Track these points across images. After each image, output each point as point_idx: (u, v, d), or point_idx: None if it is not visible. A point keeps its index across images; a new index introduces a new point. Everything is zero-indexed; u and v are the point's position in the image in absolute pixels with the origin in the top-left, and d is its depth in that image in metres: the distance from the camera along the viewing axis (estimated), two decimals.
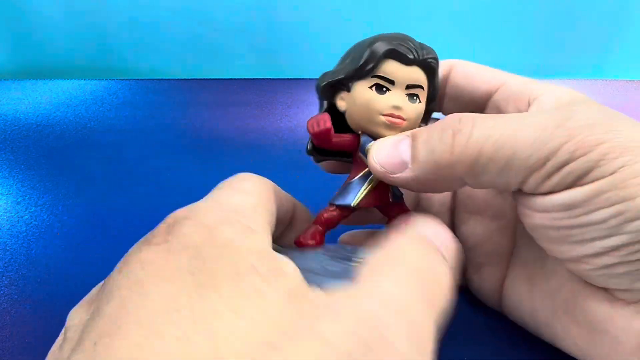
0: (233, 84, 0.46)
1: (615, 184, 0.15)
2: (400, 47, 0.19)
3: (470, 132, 0.17)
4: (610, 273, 0.17)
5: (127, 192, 0.37)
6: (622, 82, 0.47)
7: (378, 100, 0.20)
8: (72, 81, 0.46)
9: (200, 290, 0.13)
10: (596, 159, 0.15)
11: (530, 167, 0.16)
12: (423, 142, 0.18)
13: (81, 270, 0.31)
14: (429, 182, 0.18)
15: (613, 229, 0.15)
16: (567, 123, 0.16)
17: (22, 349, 0.26)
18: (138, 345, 0.12)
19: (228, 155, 0.41)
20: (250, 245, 0.15)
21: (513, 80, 0.22)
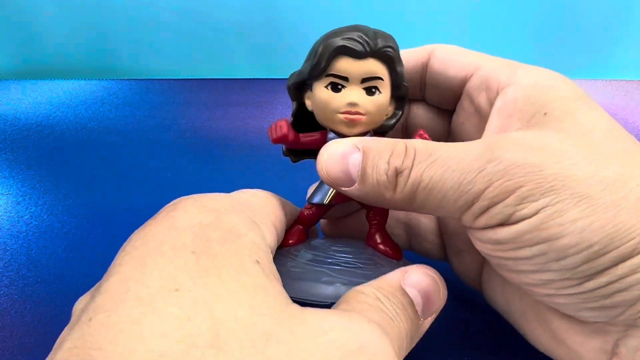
0: (233, 84, 0.46)
1: (536, 226, 0.15)
2: (348, 42, 0.19)
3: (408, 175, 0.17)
4: (553, 302, 0.17)
5: (127, 192, 0.37)
6: (622, 82, 0.47)
7: (334, 99, 0.19)
8: (72, 81, 0.46)
9: (201, 272, 0.13)
10: (515, 203, 0.15)
11: (459, 209, 0.17)
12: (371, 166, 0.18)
13: (81, 270, 0.31)
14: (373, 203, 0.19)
15: (540, 265, 0.16)
16: (488, 166, 0.16)
17: (22, 349, 0.26)
18: (135, 322, 0.12)
19: (228, 155, 0.41)
20: (255, 238, 0.16)
21: (486, 65, 0.21)
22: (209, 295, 0.13)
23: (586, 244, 0.15)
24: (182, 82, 0.47)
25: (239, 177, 0.39)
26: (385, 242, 0.22)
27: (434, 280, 0.18)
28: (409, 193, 0.17)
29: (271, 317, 0.13)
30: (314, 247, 0.21)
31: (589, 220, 0.15)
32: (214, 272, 0.13)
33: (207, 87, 0.46)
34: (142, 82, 0.47)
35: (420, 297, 0.17)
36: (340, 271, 0.19)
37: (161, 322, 0.12)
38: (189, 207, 0.16)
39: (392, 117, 0.21)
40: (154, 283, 0.13)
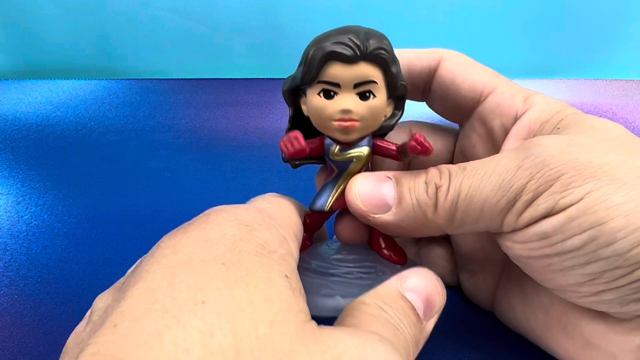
0: (233, 84, 0.46)
1: (584, 210, 0.15)
2: (338, 47, 0.18)
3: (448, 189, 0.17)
4: (599, 300, 0.17)
5: (127, 192, 0.37)
6: (622, 82, 0.47)
7: (327, 106, 0.19)
8: (72, 81, 0.46)
9: (229, 283, 0.13)
10: (560, 190, 0.16)
11: (501, 210, 0.17)
12: (408, 189, 0.18)
13: (81, 270, 0.31)
14: (408, 228, 0.19)
15: (590, 255, 0.16)
16: (526, 162, 0.16)
17: (22, 349, 0.26)
18: (158, 334, 0.12)
19: (228, 155, 0.41)
20: (285, 255, 0.16)
21: (501, 91, 0.21)
22: (234, 309, 0.13)
23: (633, 227, 0.15)
24: (182, 82, 0.47)
25: (239, 177, 0.39)
26: (388, 247, 0.22)
27: (432, 282, 0.18)
28: (449, 208, 0.17)
29: (291, 335, 0.13)
30: (317, 256, 0.21)
31: (633, 204, 0.15)
32: (241, 283, 0.13)
33: (207, 87, 0.46)
34: (142, 82, 0.47)
35: (421, 301, 0.17)
36: (341, 283, 0.19)
37: (184, 336, 0.12)
38: (221, 220, 0.15)
39: (392, 117, 0.21)
40: (182, 295, 0.13)
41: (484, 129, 0.22)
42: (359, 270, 0.20)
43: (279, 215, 0.18)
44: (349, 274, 0.20)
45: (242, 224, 0.16)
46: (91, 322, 0.14)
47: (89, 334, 0.13)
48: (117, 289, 0.16)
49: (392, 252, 0.21)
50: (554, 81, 0.46)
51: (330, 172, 0.21)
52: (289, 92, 0.20)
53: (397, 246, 0.22)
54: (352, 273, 0.20)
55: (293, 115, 0.21)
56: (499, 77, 0.22)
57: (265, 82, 0.46)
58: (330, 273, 0.20)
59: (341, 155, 0.20)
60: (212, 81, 0.47)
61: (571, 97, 0.45)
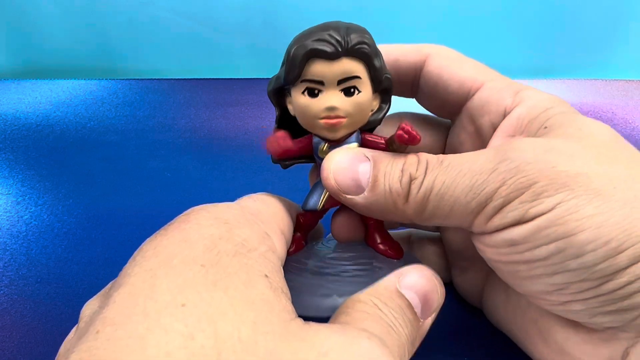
0: (233, 84, 0.46)
1: (553, 221, 0.15)
2: (318, 45, 0.18)
3: (422, 182, 0.17)
4: (567, 309, 0.16)
5: (127, 192, 0.37)
6: (622, 82, 0.47)
7: (312, 104, 0.19)
8: (72, 81, 0.46)
9: (209, 286, 0.13)
10: (530, 199, 0.15)
11: (471, 212, 0.16)
12: (383, 174, 0.18)
13: (81, 270, 0.31)
14: (378, 213, 0.19)
15: (557, 265, 0.15)
16: (501, 166, 0.16)
17: (22, 349, 0.26)
18: (140, 337, 0.12)
19: (228, 155, 0.41)
20: (266, 252, 0.15)
21: (489, 85, 0.21)
22: (214, 312, 0.13)
23: (604, 240, 0.14)
24: (182, 82, 0.47)
25: (239, 177, 0.39)
26: (384, 242, 0.21)
27: (430, 279, 0.18)
28: (420, 201, 0.17)
29: (274, 335, 0.13)
30: (314, 256, 0.21)
31: (604, 217, 0.14)
32: (221, 285, 0.13)
33: (207, 87, 0.46)
34: (142, 82, 0.47)
35: (418, 298, 0.17)
36: (337, 281, 0.19)
37: (166, 339, 0.12)
38: (201, 219, 0.15)
39: (379, 111, 0.20)
40: (162, 297, 0.13)
41: (472, 126, 0.22)
42: (355, 267, 0.20)
43: (263, 211, 0.18)
44: (345, 272, 0.20)
45: (222, 222, 0.15)
46: (78, 330, 0.14)
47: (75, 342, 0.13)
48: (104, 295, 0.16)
49: (388, 246, 0.21)
50: (554, 81, 0.46)
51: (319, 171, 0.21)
52: (273, 93, 0.20)
53: (393, 240, 0.22)
54: (348, 271, 0.20)
55: (280, 115, 0.21)
56: (488, 72, 0.21)
57: (265, 82, 0.46)
58: (327, 272, 0.20)
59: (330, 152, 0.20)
60: (212, 81, 0.47)
61: (571, 97, 0.45)
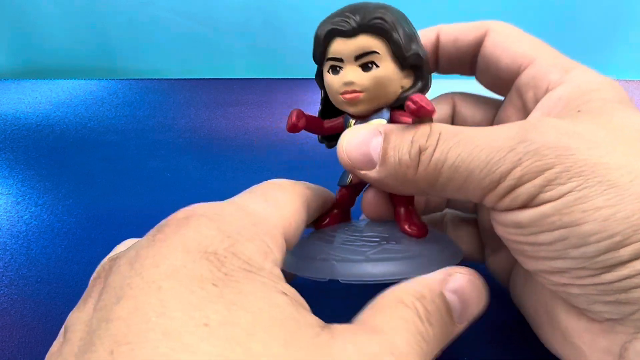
0: (233, 84, 0.46)
1: (559, 210, 0.15)
2: (335, 24, 0.19)
3: (432, 153, 0.17)
4: (567, 292, 0.17)
5: (127, 192, 0.37)
6: (622, 82, 0.46)
7: (334, 81, 0.20)
8: (72, 81, 0.46)
9: (228, 306, 0.12)
10: (542, 184, 0.15)
11: (484, 189, 0.16)
12: (393, 147, 0.18)
13: (81, 270, 0.31)
14: (392, 186, 0.19)
15: (559, 252, 0.15)
16: (519, 146, 0.16)
17: (22, 349, 0.26)
18: (165, 357, 0.11)
19: (228, 155, 0.41)
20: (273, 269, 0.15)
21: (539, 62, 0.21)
22: (241, 331, 0.12)
23: (608, 233, 0.14)
24: (182, 82, 0.47)
25: (239, 177, 0.39)
26: (406, 219, 0.21)
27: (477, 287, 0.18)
28: (432, 171, 0.17)
29: (306, 352, 0.13)
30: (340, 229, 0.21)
31: (614, 210, 0.14)
32: (242, 305, 0.13)
33: (207, 87, 0.46)
34: (142, 82, 0.47)
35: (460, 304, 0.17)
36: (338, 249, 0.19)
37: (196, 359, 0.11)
38: (202, 228, 0.14)
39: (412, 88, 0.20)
40: (178, 315, 0.12)
41: (519, 101, 0.22)
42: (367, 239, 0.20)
43: (270, 216, 0.17)
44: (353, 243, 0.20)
45: (224, 235, 0.15)
46: (69, 342, 0.13)
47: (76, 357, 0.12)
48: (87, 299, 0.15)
49: (409, 224, 0.21)
50: None
51: None
52: (317, 76, 0.21)
53: (417, 219, 0.22)
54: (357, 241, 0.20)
55: (324, 97, 0.22)
56: (542, 48, 0.21)
57: (265, 82, 0.46)
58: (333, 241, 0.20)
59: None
60: (212, 81, 0.47)
61: None
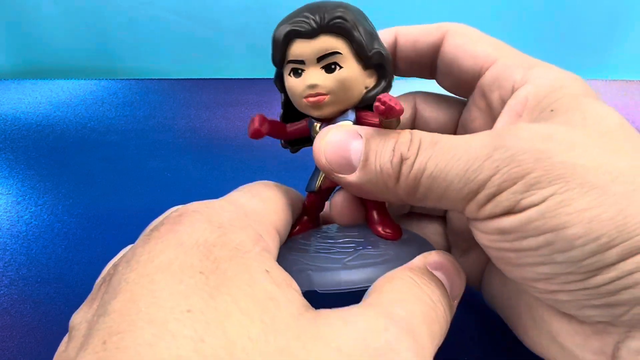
0: (233, 84, 0.46)
1: (543, 214, 0.15)
2: (295, 25, 0.18)
3: (413, 163, 0.17)
4: (555, 299, 0.16)
5: (127, 192, 0.37)
6: (622, 82, 0.47)
7: (296, 84, 0.19)
8: (72, 81, 0.46)
9: (211, 291, 0.13)
10: (523, 190, 0.15)
11: (463, 198, 0.16)
12: (375, 153, 0.17)
13: (81, 270, 0.31)
14: (370, 193, 0.18)
15: (544, 257, 0.15)
16: (496, 153, 0.15)
17: (22, 349, 0.26)
18: (149, 345, 0.12)
19: (228, 155, 0.41)
20: (260, 252, 0.15)
21: (502, 61, 0.21)
22: (221, 315, 0.13)
23: (594, 235, 0.14)
24: (182, 82, 0.47)
25: (239, 177, 0.39)
26: (381, 223, 0.21)
27: (453, 262, 0.18)
28: (412, 182, 0.17)
29: (285, 332, 0.13)
30: (312, 236, 0.21)
31: (597, 211, 0.14)
32: (224, 289, 0.13)
33: (207, 87, 0.46)
34: (142, 82, 0.47)
35: (445, 278, 0.17)
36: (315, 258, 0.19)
37: (177, 344, 0.12)
38: (195, 222, 0.15)
39: (375, 87, 0.20)
40: (165, 303, 0.13)
41: (483, 102, 0.22)
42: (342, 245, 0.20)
43: (259, 210, 0.18)
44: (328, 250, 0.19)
45: (215, 226, 0.15)
46: (73, 339, 0.14)
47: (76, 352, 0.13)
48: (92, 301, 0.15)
49: (383, 226, 0.21)
50: None
51: None
52: (277, 79, 0.21)
53: (391, 222, 0.21)
54: (332, 248, 0.19)
55: (284, 101, 0.21)
56: (503, 48, 0.21)
57: (265, 82, 0.46)
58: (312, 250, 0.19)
59: None
60: (212, 81, 0.47)
61: None
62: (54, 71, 0.49)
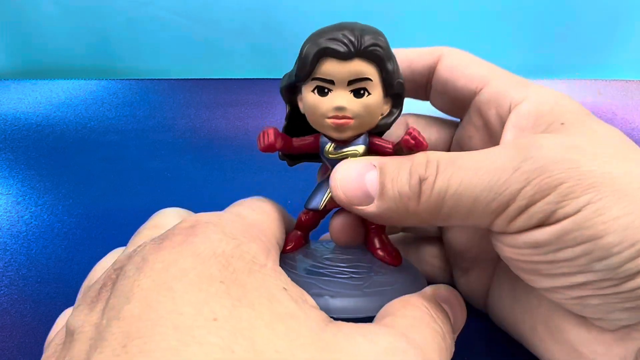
0: (233, 84, 0.46)
1: (580, 224, 0.15)
2: (332, 44, 0.18)
3: (434, 182, 0.17)
4: (584, 303, 0.16)
5: (127, 192, 0.37)
6: (622, 82, 0.47)
7: (321, 103, 0.19)
8: (72, 81, 0.46)
9: (234, 302, 0.13)
10: (557, 201, 0.15)
11: (492, 212, 0.16)
12: (391, 180, 0.18)
13: (81, 270, 0.31)
14: (393, 219, 0.18)
15: (582, 267, 0.15)
16: (524, 165, 0.15)
17: (22, 349, 0.26)
18: (174, 350, 0.11)
19: (228, 155, 0.41)
20: (274, 266, 0.16)
21: (496, 82, 0.21)
22: (247, 326, 0.13)
23: (629, 242, 0.14)
24: (182, 82, 0.47)
25: (239, 177, 0.39)
26: (383, 248, 0.21)
27: (458, 298, 0.19)
28: (435, 202, 0.17)
29: (309, 347, 0.13)
30: (310, 255, 0.21)
31: (631, 217, 0.14)
32: (246, 302, 0.13)
33: (207, 87, 0.46)
34: (142, 82, 0.47)
35: (450, 312, 0.18)
36: (330, 282, 0.19)
37: (204, 352, 0.12)
38: (209, 233, 0.15)
39: (389, 115, 0.20)
40: (188, 310, 0.12)
41: (480, 120, 0.22)
42: (351, 270, 0.20)
43: (262, 223, 0.18)
44: (340, 275, 0.19)
45: (230, 237, 0.15)
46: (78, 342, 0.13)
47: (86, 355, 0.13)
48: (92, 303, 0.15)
49: (386, 252, 0.21)
50: (554, 81, 0.46)
51: (325, 170, 0.21)
52: (286, 90, 0.20)
53: (393, 247, 0.22)
54: (343, 273, 0.19)
55: (290, 112, 0.21)
56: (495, 70, 0.22)
57: (265, 82, 0.46)
58: (321, 272, 0.19)
59: (336, 153, 0.20)
60: (212, 81, 0.47)
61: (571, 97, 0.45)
62: (54, 71, 0.49)
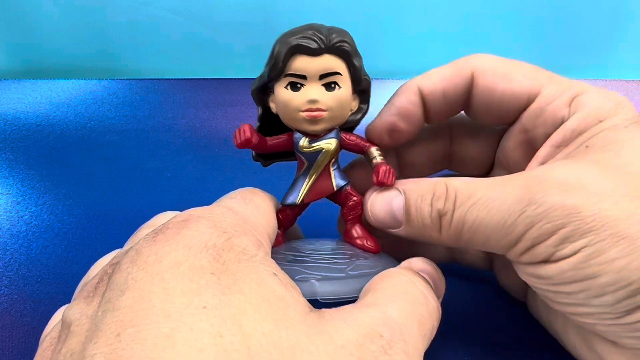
0: (233, 84, 0.46)
1: (576, 265, 0.16)
2: (302, 40, 0.19)
3: (452, 217, 0.18)
4: (594, 329, 0.18)
5: (127, 192, 0.37)
6: (622, 82, 0.47)
7: (294, 98, 0.20)
8: (72, 81, 0.46)
9: (224, 290, 0.14)
10: (556, 244, 0.16)
11: (503, 247, 0.18)
12: (415, 209, 0.19)
13: (81, 270, 0.31)
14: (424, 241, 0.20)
15: (581, 300, 0.16)
16: (528, 210, 0.17)
17: (22, 349, 0.26)
18: (167, 336, 0.12)
19: (227, 155, 0.41)
20: (265, 256, 0.16)
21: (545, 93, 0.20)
22: (235, 311, 0.13)
23: (624, 283, 0.15)
24: (182, 82, 0.47)
25: (239, 177, 0.39)
26: (361, 237, 0.22)
27: (435, 267, 0.20)
28: (454, 234, 0.18)
29: (295, 329, 0.14)
30: (292, 248, 0.22)
31: (627, 260, 0.15)
32: (236, 288, 0.14)
33: (207, 87, 0.46)
34: (142, 82, 0.47)
35: (430, 281, 0.19)
36: (315, 267, 0.19)
37: (195, 337, 0.12)
38: (201, 227, 0.16)
39: (357, 111, 0.21)
40: (179, 300, 0.13)
41: (525, 136, 0.21)
42: (334, 257, 0.20)
43: (254, 216, 0.19)
44: (324, 260, 0.20)
45: (221, 231, 0.16)
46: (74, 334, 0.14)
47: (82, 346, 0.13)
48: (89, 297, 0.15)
49: (365, 240, 0.22)
50: None
51: (300, 165, 0.22)
52: (257, 91, 0.21)
53: (370, 235, 0.22)
54: (326, 259, 0.20)
55: (262, 114, 0.22)
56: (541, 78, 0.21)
57: None
58: (305, 260, 0.20)
59: (310, 147, 0.21)
60: (212, 81, 0.47)
61: None
62: (54, 71, 0.49)
